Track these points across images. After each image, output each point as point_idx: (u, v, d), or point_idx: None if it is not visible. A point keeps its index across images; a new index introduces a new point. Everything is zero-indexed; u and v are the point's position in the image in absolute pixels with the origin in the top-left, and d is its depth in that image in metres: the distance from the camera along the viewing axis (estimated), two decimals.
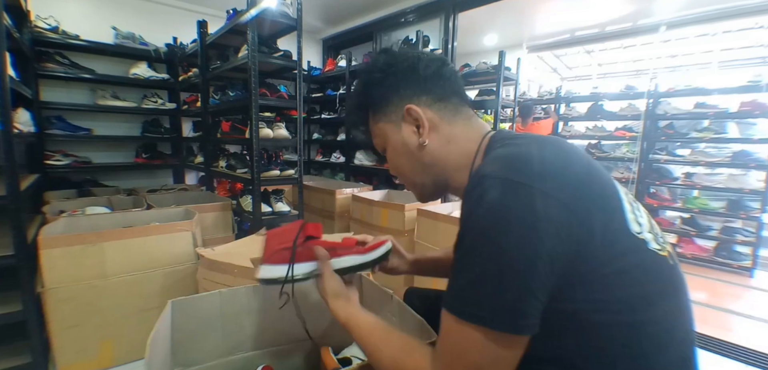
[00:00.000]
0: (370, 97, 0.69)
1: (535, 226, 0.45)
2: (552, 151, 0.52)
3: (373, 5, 3.67)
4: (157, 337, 0.72)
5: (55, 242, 1.37)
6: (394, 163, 0.70)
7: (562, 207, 0.46)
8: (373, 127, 0.71)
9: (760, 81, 2.96)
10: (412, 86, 0.64)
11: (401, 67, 0.65)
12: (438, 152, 0.65)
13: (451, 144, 0.64)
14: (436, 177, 0.67)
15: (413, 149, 0.65)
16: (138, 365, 1.51)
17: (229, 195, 2.97)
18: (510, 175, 0.48)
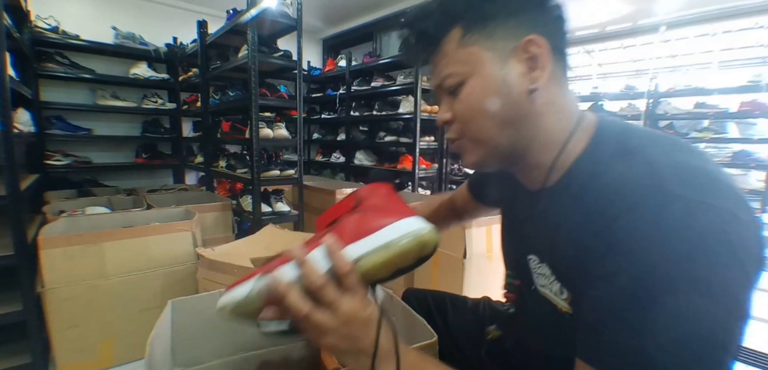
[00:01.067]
0: (473, 8, 0.49)
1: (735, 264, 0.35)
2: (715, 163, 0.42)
3: (373, 5, 3.67)
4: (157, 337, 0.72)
5: (55, 242, 1.37)
6: (471, 106, 0.50)
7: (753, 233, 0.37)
8: (455, 50, 0.50)
9: (760, 81, 2.96)
10: (535, 19, 0.48)
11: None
12: (540, 110, 0.49)
13: (552, 108, 0.50)
14: (520, 140, 0.51)
15: (512, 95, 0.48)
16: (138, 365, 1.51)
17: (229, 195, 2.96)
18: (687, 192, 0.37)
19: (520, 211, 0.61)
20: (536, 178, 0.54)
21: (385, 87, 3.25)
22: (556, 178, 0.51)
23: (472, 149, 0.54)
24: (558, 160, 0.50)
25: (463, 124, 0.53)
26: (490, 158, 0.54)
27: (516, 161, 0.54)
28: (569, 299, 0.49)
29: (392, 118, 3.22)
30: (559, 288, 0.50)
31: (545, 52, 0.48)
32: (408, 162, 3.03)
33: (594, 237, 0.41)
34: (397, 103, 3.16)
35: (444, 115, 0.54)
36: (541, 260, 0.54)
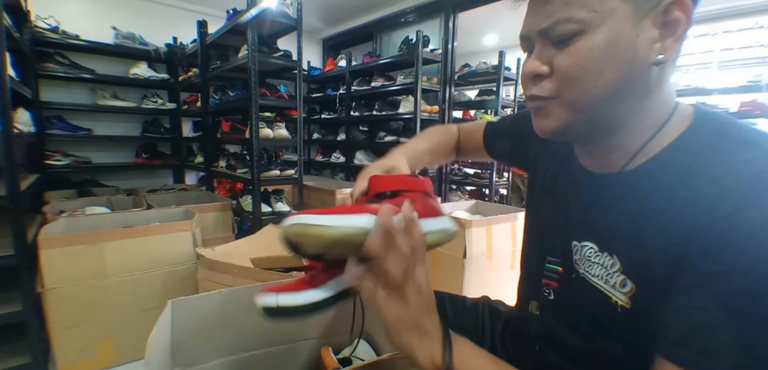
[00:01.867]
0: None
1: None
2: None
3: (373, 5, 3.67)
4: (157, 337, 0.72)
5: (55, 242, 1.37)
6: (584, 64, 0.43)
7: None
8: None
9: (760, 81, 2.96)
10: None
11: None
12: (650, 87, 0.44)
13: (661, 88, 0.45)
14: (618, 117, 0.45)
15: (637, 62, 0.42)
16: (138, 365, 1.51)
17: (229, 195, 2.97)
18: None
19: (579, 194, 0.54)
20: (614, 161, 0.48)
21: (385, 87, 3.25)
22: (638, 163, 0.46)
23: (560, 114, 0.47)
24: (647, 145, 0.46)
25: (562, 83, 0.45)
26: (577, 129, 0.47)
27: (599, 139, 0.49)
28: (631, 293, 0.45)
29: (392, 118, 3.22)
30: (622, 281, 0.46)
31: (688, 21, 0.41)
32: None
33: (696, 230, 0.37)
34: (397, 103, 3.16)
35: (540, 67, 0.46)
36: (601, 248, 0.48)
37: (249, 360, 0.96)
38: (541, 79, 0.46)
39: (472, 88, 3.87)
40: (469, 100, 3.68)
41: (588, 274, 0.51)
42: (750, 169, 0.37)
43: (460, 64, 3.50)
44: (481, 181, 3.56)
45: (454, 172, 3.70)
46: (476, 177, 3.65)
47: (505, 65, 3.06)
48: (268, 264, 1.27)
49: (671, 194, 0.41)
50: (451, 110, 3.29)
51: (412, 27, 3.47)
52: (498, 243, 1.71)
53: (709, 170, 0.39)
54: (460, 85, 3.64)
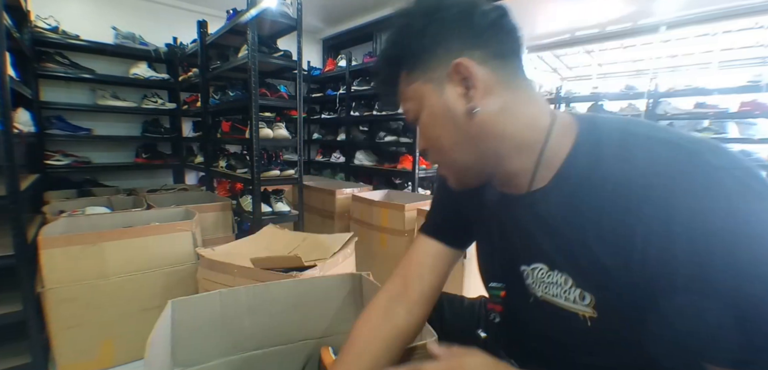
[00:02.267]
0: (406, 48, 0.53)
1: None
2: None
3: (373, 5, 3.67)
4: (157, 337, 0.72)
5: (55, 242, 1.37)
6: (429, 134, 0.54)
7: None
8: (406, 89, 0.55)
9: (760, 81, 2.96)
10: (464, 37, 0.50)
11: (451, 12, 0.50)
12: (492, 123, 0.50)
13: (510, 115, 0.50)
14: (485, 155, 0.52)
15: (458, 117, 0.50)
16: (138, 365, 1.51)
17: (229, 195, 2.97)
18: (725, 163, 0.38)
19: (510, 219, 0.57)
20: (519, 184, 0.53)
21: None
22: (546, 178, 0.50)
23: (447, 173, 0.58)
24: (541, 161, 0.50)
25: (432, 154, 0.57)
26: (465, 177, 0.56)
27: (492, 174, 0.55)
28: (593, 303, 0.47)
29: (392, 118, 3.22)
30: (580, 294, 0.48)
31: (474, 70, 0.48)
32: (408, 162, 3.03)
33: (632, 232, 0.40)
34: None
35: (420, 144, 0.59)
36: (551, 267, 0.51)
37: (249, 360, 0.96)
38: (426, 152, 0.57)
39: None
40: None
41: (548, 295, 0.52)
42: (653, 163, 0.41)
43: None
44: None
45: None
46: None
47: None
48: (268, 264, 1.27)
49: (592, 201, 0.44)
50: None
51: None
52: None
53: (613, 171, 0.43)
54: None
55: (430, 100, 0.52)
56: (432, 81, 0.52)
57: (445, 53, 0.50)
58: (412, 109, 0.55)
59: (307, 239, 1.55)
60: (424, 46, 0.51)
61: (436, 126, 0.53)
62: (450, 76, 0.50)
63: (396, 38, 0.55)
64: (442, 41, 0.50)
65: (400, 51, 0.54)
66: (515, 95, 0.50)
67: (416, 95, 0.54)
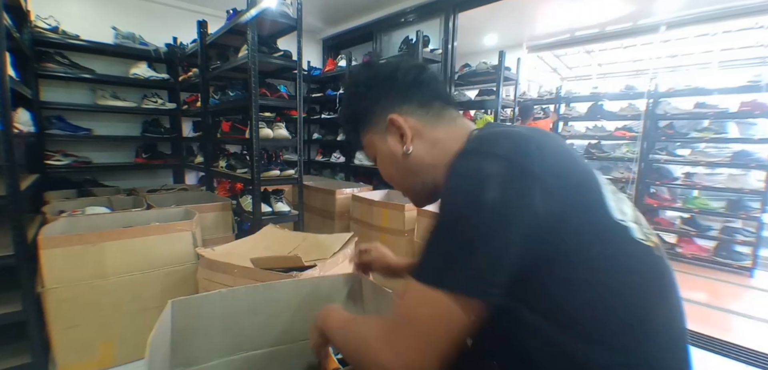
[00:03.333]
0: (355, 111, 0.70)
1: (509, 199, 0.46)
2: (528, 131, 0.55)
3: (373, 5, 3.67)
4: (157, 337, 0.72)
5: (55, 242, 1.37)
6: (384, 171, 0.72)
7: (537, 182, 0.47)
8: (363, 139, 0.72)
9: (760, 81, 2.96)
10: (393, 96, 0.65)
11: (381, 78, 0.67)
12: (424, 158, 0.65)
13: (437, 147, 0.65)
14: (424, 181, 0.67)
15: (399, 157, 0.66)
16: (138, 365, 1.51)
17: (229, 195, 2.97)
18: (485, 148, 0.51)
19: None
20: None
21: None
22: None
23: (405, 195, 0.74)
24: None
25: (389, 181, 0.72)
26: (418, 199, 0.72)
27: (436, 192, 0.67)
28: None
29: None
30: None
31: (401, 122, 0.64)
32: None
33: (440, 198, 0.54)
34: None
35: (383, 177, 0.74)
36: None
37: (249, 360, 0.95)
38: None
39: (472, 88, 3.86)
40: (469, 100, 3.68)
41: None
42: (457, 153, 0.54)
43: (460, 64, 3.50)
44: None
45: None
46: None
47: (505, 65, 3.05)
48: (268, 264, 1.27)
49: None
50: None
51: (412, 27, 3.46)
52: None
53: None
54: (460, 85, 3.64)
55: (379, 146, 0.69)
56: (378, 132, 0.68)
57: (381, 110, 0.66)
58: (371, 153, 0.72)
59: (307, 239, 1.55)
60: (366, 108, 0.68)
61: (387, 165, 0.69)
62: (387, 128, 0.66)
63: (347, 103, 0.72)
64: (377, 102, 0.66)
65: (352, 113, 0.71)
66: (439, 131, 0.65)
67: (370, 143, 0.70)
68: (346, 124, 0.74)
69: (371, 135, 0.69)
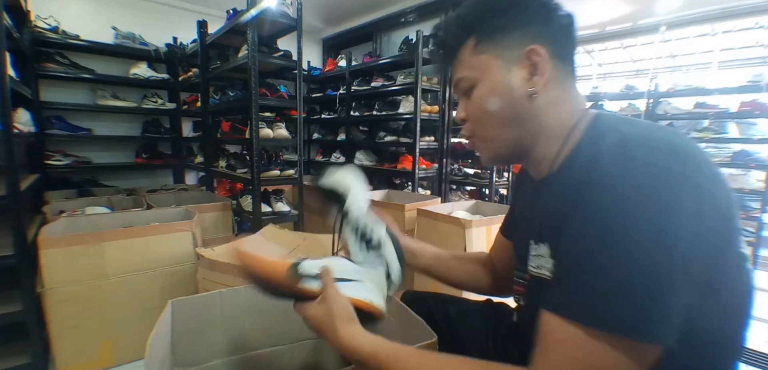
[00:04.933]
0: (485, 21, 0.56)
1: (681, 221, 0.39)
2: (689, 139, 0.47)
3: (373, 5, 3.67)
4: (157, 337, 0.72)
5: (55, 242, 1.37)
6: (479, 106, 0.58)
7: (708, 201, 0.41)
8: (469, 57, 0.58)
9: (760, 81, 2.96)
10: (540, 30, 0.55)
11: (534, 4, 0.56)
12: (541, 110, 0.55)
13: (555, 107, 0.56)
14: (524, 137, 0.57)
15: (516, 97, 0.55)
16: (138, 365, 1.51)
17: (229, 195, 2.97)
18: (655, 159, 0.41)
19: (526, 203, 0.66)
20: (544, 168, 0.59)
21: (385, 87, 3.25)
22: (557, 166, 0.56)
23: (483, 146, 0.62)
24: (561, 151, 0.55)
25: (474, 123, 0.61)
26: (499, 154, 0.61)
27: (524, 155, 0.60)
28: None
29: (392, 118, 3.22)
30: (553, 265, 0.53)
31: (545, 61, 0.54)
32: (408, 162, 3.03)
33: (567, 201, 0.47)
34: (397, 103, 3.16)
35: (460, 113, 0.62)
36: (536, 241, 0.57)
37: (249, 360, 0.96)
38: (464, 122, 0.62)
39: None
40: None
41: (532, 268, 0.58)
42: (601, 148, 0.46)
43: None
44: (481, 181, 3.56)
45: (454, 172, 3.70)
46: (476, 177, 3.65)
47: None
48: None
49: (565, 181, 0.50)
50: (451, 110, 3.29)
51: (412, 27, 3.46)
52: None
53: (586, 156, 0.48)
54: None
55: (494, 74, 0.56)
56: (501, 58, 0.56)
57: (520, 37, 0.55)
58: (469, 77, 0.58)
59: (307, 238, 1.55)
60: (503, 25, 0.55)
61: (494, 99, 0.56)
62: (520, 59, 0.55)
63: (477, 9, 0.58)
64: (520, 26, 0.55)
65: (478, 21, 0.57)
66: (564, 93, 0.56)
67: (480, 66, 0.57)
68: (456, 29, 0.60)
69: (489, 57, 0.56)
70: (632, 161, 0.42)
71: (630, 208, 0.40)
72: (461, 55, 0.59)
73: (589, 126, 0.53)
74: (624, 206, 0.40)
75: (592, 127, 0.52)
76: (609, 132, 0.48)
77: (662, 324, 0.39)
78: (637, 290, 0.39)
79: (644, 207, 0.40)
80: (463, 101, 0.61)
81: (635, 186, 0.40)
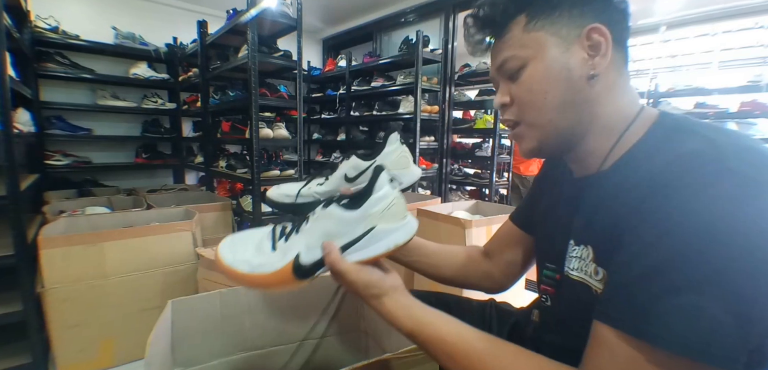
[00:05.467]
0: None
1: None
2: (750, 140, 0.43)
3: (373, 5, 3.67)
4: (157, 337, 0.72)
5: (55, 242, 1.37)
6: (531, 88, 0.52)
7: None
8: (521, 35, 0.52)
9: (760, 81, 2.96)
10: (601, 11, 0.51)
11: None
12: (599, 96, 0.51)
13: (611, 94, 0.52)
14: (577, 125, 0.53)
15: (574, 79, 0.50)
16: (138, 365, 1.51)
17: (229, 195, 2.97)
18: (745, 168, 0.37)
19: (566, 201, 0.60)
20: (591, 165, 0.54)
21: (385, 87, 3.25)
22: (609, 164, 0.52)
23: (529, 135, 0.55)
24: (615, 146, 0.51)
25: (521, 108, 0.54)
26: (547, 143, 0.55)
27: (572, 147, 0.55)
28: (603, 279, 0.48)
29: (392, 118, 3.22)
30: (594, 269, 0.50)
31: (607, 41, 0.49)
32: None
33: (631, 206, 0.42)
34: (397, 103, 3.16)
35: (502, 98, 0.56)
36: (577, 242, 0.53)
37: (249, 360, 0.95)
38: (506, 108, 0.57)
39: (472, 88, 3.86)
40: (469, 100, 3.68)
41: (569, 270, 0.54)
42: (682, 151, 0.41)
43: (460, 64, 3.50)
44: (481, 181, 3.56)
45: (454, 172, 3.70)
46: (476, 177, 3.66)
47: None
48: None
49: (625, 182, 0.46)
50: (451, 110, 3.29)
51: (412, 27, 3.46)
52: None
53: (656, 158, 0.44)
54: (460, 85, 3.64)
55: (550, 53, 0.51)
56: (559, 35, 0.51)
57: (580, 16, 0.50)
58: (520, 56, 0.53)
59: None
60: (560, 1, 0.51)
61: (548, 81, 0.51)
62: (581, 38, 0.50)
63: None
64: (581, 3, 0.50)
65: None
66: (619, 79, 0.52)
67: (533, 44, 0.52)
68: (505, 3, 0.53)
69: (545, 34, 0.51)
70: (727, 171, 0.38)
71: (724, 223, 0.36)
72: (509, 32, 0.53)
73: (655, 125, 0.49)
74: (717, 221, 0.36)
75: (661, 125, 0.48)
76: (689, 135, 0.43)
77: (740, 352, 0.36)
78: (722, 315, 0.35)
79: (741, 224, 0.36)
80: (506, 85, 0.56)
81: (729, 198, 0.36)
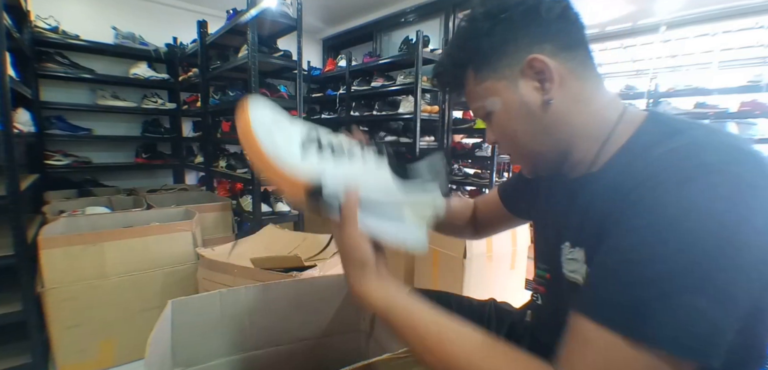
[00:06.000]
0: (474, 51, 0.54)
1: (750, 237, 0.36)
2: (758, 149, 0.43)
3: (373, 5, 3.67)
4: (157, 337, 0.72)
5: (55, 242, 1.37)
6: (503, 129, 0.56)
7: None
8: (475, 88, 0.56)
9: (760, 81, 2.96)
10: (532, 34, 0.51)
11: (518, 10, 0.51)
12: (565, 112, 0.52)
13: (581, 104, 0.52)
14: (559, 143, 0.54)
15: (534, 110, 0.52)
16: (138, 365, 1.51)
17: (229, 195, 2.96)
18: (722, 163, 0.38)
19: (557, 202, 0.61)
20: (583, 169, 0.55)
21: (385, 87, 3.25)
22: (599, 166, 0.52)
23: (522, 163, 0.61)
24: (602, 151, 0.51)
25: (506, 146, 0.59)
26: (539, 166, 0.58)
27: (565, 159, 0.56)
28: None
29: (392, 118, 3.22)
30: (586, 270, 0.50)
31: (548, 64, 0.50)
32: None
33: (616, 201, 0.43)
34: (397, 103, 3.16)
35: (489, 138, 0.60)
36: (572, 244, 0.54)
37: (249, 360, 0.96)
38: (497, 144, 0.60)
39: None
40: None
41: (566, 271, 0.55)
42: (665, 150, 0.42)
43: None
44: (481, 181, 3.56)
45: (454, 172, 3.70)
46: (476, 177, 3.65)
47: None
48: (268, 264, 1.27)
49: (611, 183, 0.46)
50: (451, 110, 3.29)
51: (412, 27, 3.47)
52: (498, 243, 1.71)
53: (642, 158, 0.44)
54: None
55: (504, 96, 0.53)
56: (504, 78, 0.53)
57: (514, 51, 0.51)
58: (483, 106, 0.56)
59: (307, 238, 1.55)
60: (492, 47, 0.53)
61: (512, 120, 0.54)
62: (523, 71, 0.51)
63: (462, 42, 0.56)
64: (511, 39, 0.52)
65: (468, 54, 0.55)
66: (585, 85, 0.52)
67: (488, 93, 0.55)
68: (451, 70, 0.58)
69: (493, 82, 0.53)
70: (703, 166, 0.38)
71: (699, 214, 0.36)
72: (467, 87, 0.58)
73: (644, 124, 0.49)
74: (692, 212, 0.36)
75: (651, 124, 0.49)
76: (674, 134, 0.44)
77: (718, 345, 0.36)
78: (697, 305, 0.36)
79: (716, 216, 0.36)
80: (488, 126, 0.59)
81: (705, 190, 0.37)
